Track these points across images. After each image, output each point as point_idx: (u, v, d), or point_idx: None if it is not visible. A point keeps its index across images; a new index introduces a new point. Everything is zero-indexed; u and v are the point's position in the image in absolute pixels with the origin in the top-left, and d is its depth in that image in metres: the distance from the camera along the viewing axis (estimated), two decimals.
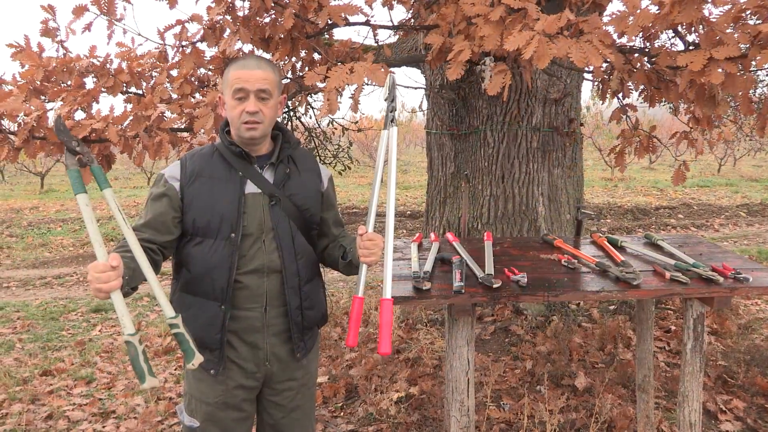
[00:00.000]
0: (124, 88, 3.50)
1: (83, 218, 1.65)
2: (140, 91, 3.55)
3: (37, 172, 18.50)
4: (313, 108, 5.41)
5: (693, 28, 2.79)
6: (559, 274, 2.58)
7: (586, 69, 3.87)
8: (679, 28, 2.86)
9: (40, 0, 3.24)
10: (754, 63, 2.34)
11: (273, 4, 2.95)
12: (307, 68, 3.58)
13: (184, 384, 2.20)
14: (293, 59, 3.56)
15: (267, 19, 3.18)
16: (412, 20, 4.24)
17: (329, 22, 3.00)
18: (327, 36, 3.67)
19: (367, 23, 3.34)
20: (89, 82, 3.45)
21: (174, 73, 3.50)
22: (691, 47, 2.86)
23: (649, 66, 3.09)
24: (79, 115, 3.23)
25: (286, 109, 5.43)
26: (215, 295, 2.01)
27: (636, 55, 3.09)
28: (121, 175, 21.30)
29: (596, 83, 3.72)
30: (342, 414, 3.67)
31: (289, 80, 3.65)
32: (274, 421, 2.22)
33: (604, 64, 3.30)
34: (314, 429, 2.36)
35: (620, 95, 3.73)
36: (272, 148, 2.12)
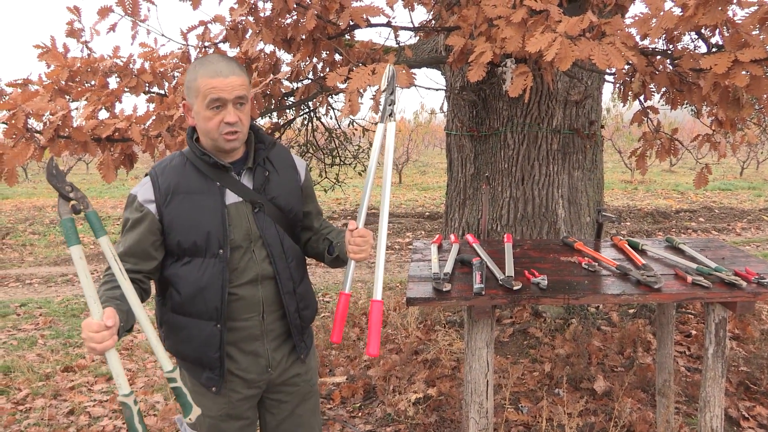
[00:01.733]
0: (147, 88, 3.54)
1: (77, 271, 1.57)
2: (162, 91, 3.59)
3: None
4: (333, 109, 5.43)
5: (717, 30, 2.77)
6: (579, 277, 2.57)
7: (608, 71, 3.85)
8: (703, 30, 2.83)
9: (66, 2, 3.29)
10: None
11: (295, 5, 2.97)
12: (328, 69, 3.60)
13: None
14: (314, 60, 3.58)
15: (289, 20, 3.20)
16: (433, 21, 4.24)
17: (351, 23, 3.01)
18: (348, 37, 3.69)
19: (388, 24, 3.35)
20: (112, 82, 3.50)
21: None
22: (714, 49, 2.84)
23: (671, 68, 3.07)
24: (103, 114, 3.28)
25: (307, 110, 5.45)
26: (209, 314, 1.94)
27: (658, 57, 3.07)
28: (141, 174, 21.50)
29: (618, 85, 3.70)
30: (360, 414, 3.68)
31: (310, 81, 3.67)
32: (278, 422, 2.19)
33: (626, 66, 3.28)
34: (320, 426, 2.33)
35: (642, 97, 3.71)
36: (246, 151, 2.02)
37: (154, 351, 1.72)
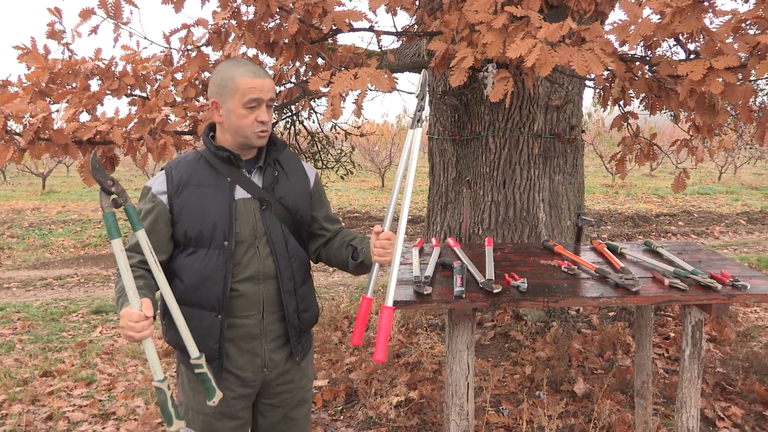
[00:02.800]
0: (129, 91, 3.52)
1: (118, 264, 1.65)
2: (144, 94, 3.58)
3: (38, 173, 18.55)
4: (316, 112, 5.44)
5: (694, 37, 2.82)
6: (559, 280, 2.60)
7: (588, 77, 3.89)
8: (680, 37, 2.88)
9: (47, 3, 3.27)
10: (753, 72, 2.36)
11: (278, 10, 2.97)
12: (310, 73, 3.61)
13: (178, 394, 2.17)
14: (297, 64, 3.59)
15: (272, 24, 3.21)
16: (415, 26, 4.27)
17: (333, 27, 3.02)
18: (331, 41, 3.70)
19: (371, 29, 3.37)
20: (94, 84, 3.48)
21: (178, 76, 3.53)
22: (692, 56, 2.89)
23: (650, 74, 3.12)
24: (84, 117, 3.25)
25: (290, 113, 5.45)
26: (211, 304, 1.98)
27: (637, 63, 3.12)
28: (122, 177, 21.35)
29: (598, 91, 3.75)
30: (342, 417, 3.69)
31: (293, 85, 3.68)
32: (270, 424, 2.21)
33: (606, 72, 3.32)
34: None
35: (621, 103, 3.76)
36: (258, 152, 2.10)
37: (183, 338, 1.81)
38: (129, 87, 3.49)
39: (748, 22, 2.44)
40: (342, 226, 2.29)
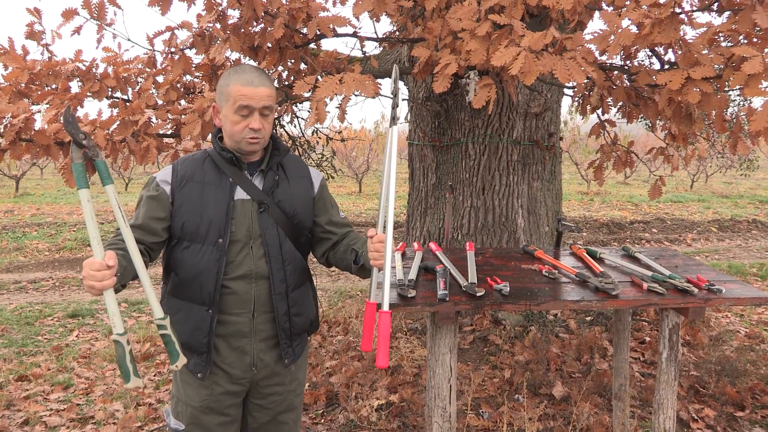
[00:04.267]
0: (110, 93, 3.50)
1: (83, 213, 1.65)
2: (125, 97, 3.56)
3: (12, 176, 18.22)
4: (297, 117, 5.44)
5: (671, 48, 2.89)
6: (540, 284, 2.64)
7: (568, 85, 3.96)
8: (657, 48, 2.95)
9: (26, 3, 3.25)
10: (727, 83, 2.43)
11: (263, 14, 2.99)
12: (293, 77, 3.62)
13: (172, 386, 2.21)
14: (280, 68, 3.60)
15: (256, 28, 3.21)
16: (397, 32, 4.30)
17: (318, 32, 3.04)
18: (314, 46, 3.72)
19: (354, 35, 3.39)
20: (74, 86, 3.46)
21: (160, 79, 3.52)
22: (667, 66, 2.95)
23: (628, 83, 3.19)
24: None
25: None
26: (203, 299, 2.03)
27: (616, 72, 3.18)
28: (98, 180, 21.04)
29: (577, 99, 3.82)
30: (323, 421, 3.69)
31: (276, 89, 3.68)
32: (258, 425, 2.24)
33: (586, 81, 3.38)
34: None
35: (600, 111, 3.83)
36: (262, 155, 2.15)
37: (148, 297, 1.79)
38: (110, 89, 3.48)
39: (722, 35, 2.51)
40: (350, 230, 2.31)
